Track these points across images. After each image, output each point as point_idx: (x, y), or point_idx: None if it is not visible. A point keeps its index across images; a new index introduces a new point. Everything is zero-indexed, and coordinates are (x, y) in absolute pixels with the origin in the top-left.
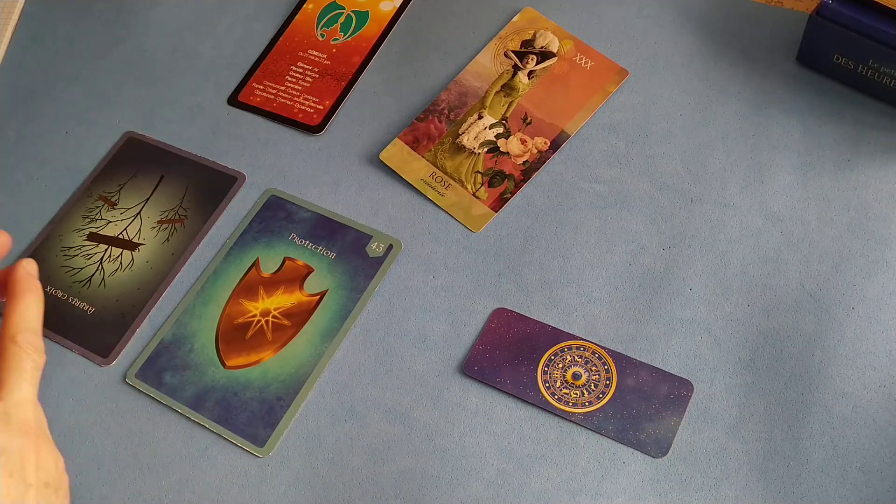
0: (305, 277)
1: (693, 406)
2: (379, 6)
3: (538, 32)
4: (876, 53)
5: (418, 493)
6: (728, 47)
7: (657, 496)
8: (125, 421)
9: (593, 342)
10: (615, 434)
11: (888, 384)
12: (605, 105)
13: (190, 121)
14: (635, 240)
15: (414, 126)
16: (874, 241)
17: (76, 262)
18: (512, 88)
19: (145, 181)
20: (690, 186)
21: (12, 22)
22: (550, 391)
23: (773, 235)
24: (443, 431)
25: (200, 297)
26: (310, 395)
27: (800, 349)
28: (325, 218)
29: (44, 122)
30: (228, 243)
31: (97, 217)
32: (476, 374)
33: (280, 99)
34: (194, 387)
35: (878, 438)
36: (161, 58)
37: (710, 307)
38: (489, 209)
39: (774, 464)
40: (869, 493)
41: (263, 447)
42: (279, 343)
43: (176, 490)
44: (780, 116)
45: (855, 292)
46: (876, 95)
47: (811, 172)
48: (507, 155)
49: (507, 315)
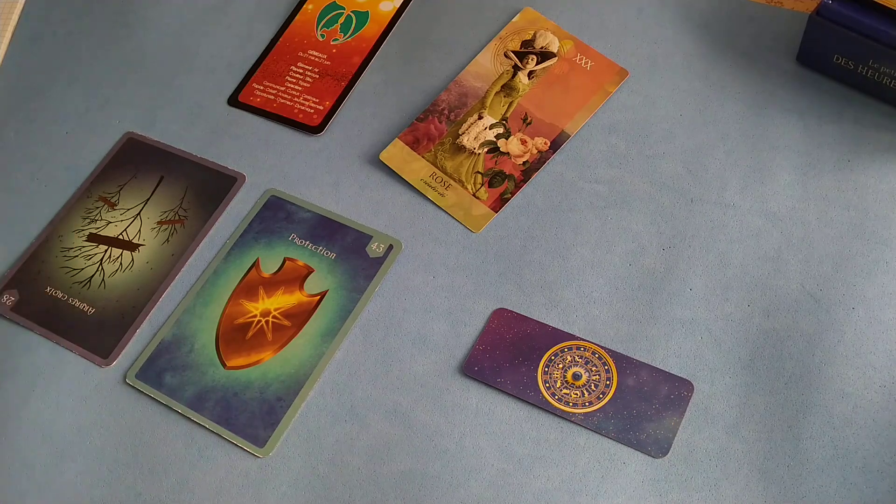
0: (305, 278)
1: (693, 406)
2: (379, 6)
3: (538, 32)
4: (876, 53)
5: (418, 494)
6: (728, 47)
7: (657, 496)
8: (125, 421)
9: (593, 342)
10: (615, 434)
11: (888, 384)
12: (605, 105)
13: (190, 121)
14: (635, 240)
15: (414, 126)
16: (874, 241)
17: (76, 262)
18: (512, 89)
19: (145, 182)
20: (690, 186)
21: (12, 22)
22: (550, 391)
23: (773, 235)
24: (443, 432)
25: (200, 298)
26: (310, 396)
27: (800, 349)
28: (325, 218)
29: (44, 122)
30: (228, 244)
31: (97, 218)
32: (476, 375)
33: (280, 99)
34: (194, 387)
35: (879, 438)
36: (161, 58)
37: (710, 307)
38: (489, 209)
39: (774, 464)
40: (869, 494)
41: (263, 447)
42: (279, 343)
43: (176, 490)
44: (780, 116)
45: (855, 292)
46: (876, 95)
47: (811, 172)
48: (507, 155)
49: (508, 315)
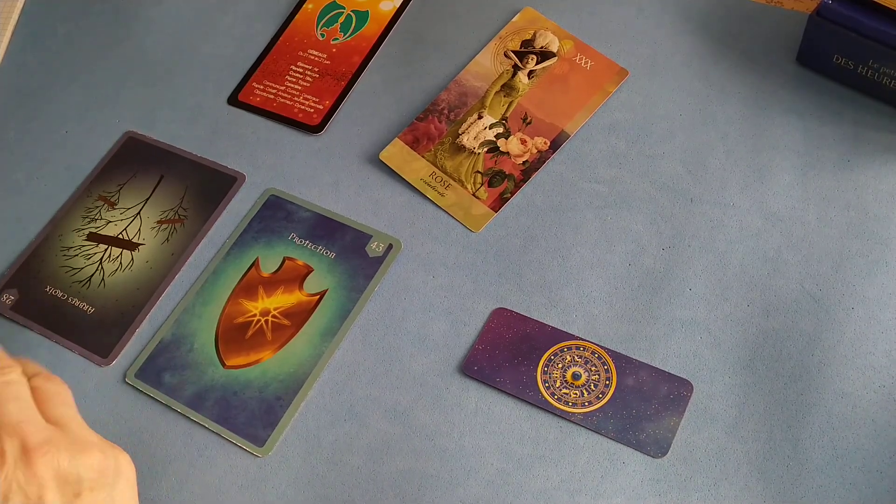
0: (305, 277)
1: (693, 406)
2: (379, 6)
3: (538, 32)
4: (876, 53)
5: (418, 493)
6: (728, 47)
7: (657, 496)
8: (125, 421)
9: (593, 342)
10: (615, 434)
11: (888, 384)
12: (605, 105)
13: (190, 121)
14: (635, 240)
15: (414, 126)
16: (874, 241)
17: (76, 262)
18: (512, 88)
19: (145, 181)
20: (690, 186)
21: (12, 22)
22: (550, 391)
23: (773, 235)
24: (442, 431)
25: (200, 297)
26: (309, 395)
27: (800, 349)
28: (324, 218)
29: (44, 122)
30: (228, 243)
31: (97, 217)
32: (476, 374)
33: (280, 99)
34: (194, 386)
35: (878, 439)
36: (161, 58)
37: (709, 307)
38: (489, 209)
39: (774, 464)
40: (869, 494)
41: (263, 447)
42: (279, 343)
43: (176, 490)
44: (780, 116)
45: (855, 292)
46: (876, 95)
47: (811, 172)
48: (507, 155)
49: (507, 315)
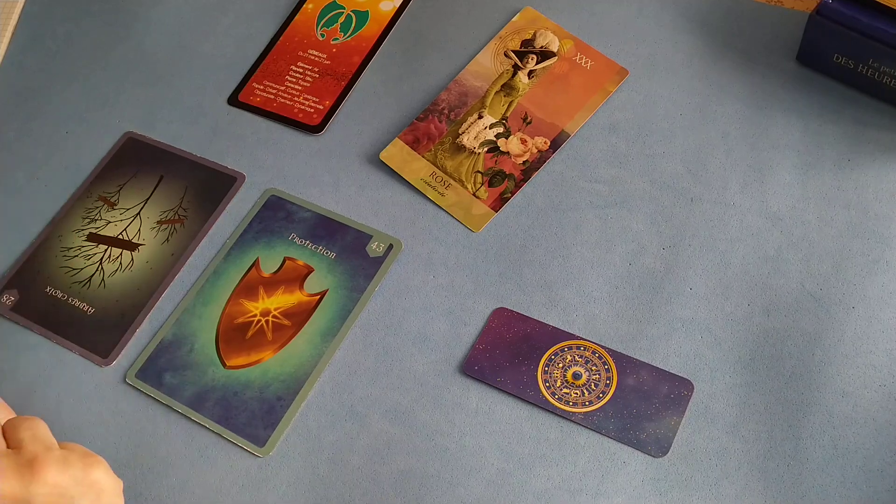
0: (305, 277)
1: (693, 406)
2: (379, 6)
3: (538, 32)
4: (876, 53)
5: (418, 493)
6: (728, 47)
7: (657, 496)
8: (125, 421)
9: (593, 342)
10: (615, 434)
11: (888, 383)
12: (605, 105)
13: (190, 121)
14: (635, 239)
15: (414, 126)
16: (874, 240)
17: (76, 262)
18: (512, 88)
19: (145, 181)
20: (690, 186)
21: (12, 22)
22: (550, 391)
23: (773, 235)
24: (443, 431)
25: (200, 297)
26: (310, 395)
27: (800, 349)
28: (325, 218)
29: (44, 122)
30: (228, 243)
31: (97, 217)
32: (476, 374)
33: (280, 99)
34: (194, 387)
35: (879, 438)
36: (161, 58)
37: (710, 307)
38: (489, 209)
39: (774, 463)
40: (869, 493)
41: (263, 447)
42: (279, 343)
43: (176, 490)
44: (780, 116)
45: (855, 291)
46: (876, 95)
47: (811, 172)
48: (507, 155)
49: (508, 315)
